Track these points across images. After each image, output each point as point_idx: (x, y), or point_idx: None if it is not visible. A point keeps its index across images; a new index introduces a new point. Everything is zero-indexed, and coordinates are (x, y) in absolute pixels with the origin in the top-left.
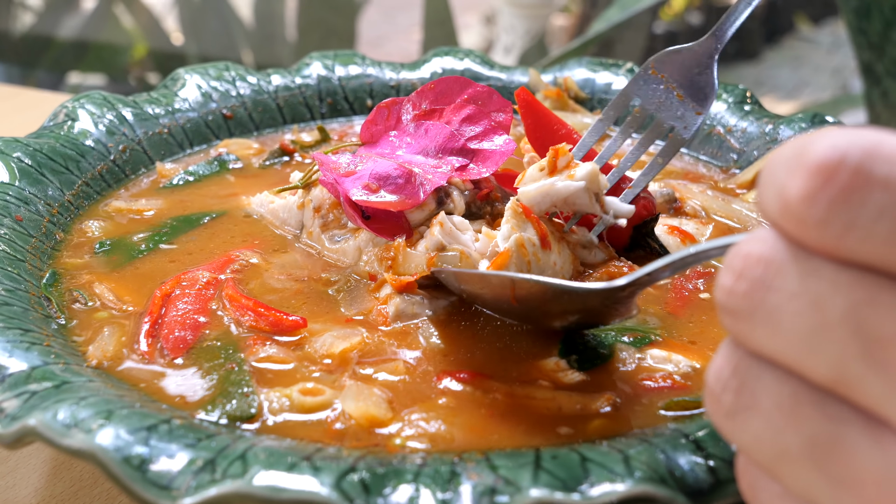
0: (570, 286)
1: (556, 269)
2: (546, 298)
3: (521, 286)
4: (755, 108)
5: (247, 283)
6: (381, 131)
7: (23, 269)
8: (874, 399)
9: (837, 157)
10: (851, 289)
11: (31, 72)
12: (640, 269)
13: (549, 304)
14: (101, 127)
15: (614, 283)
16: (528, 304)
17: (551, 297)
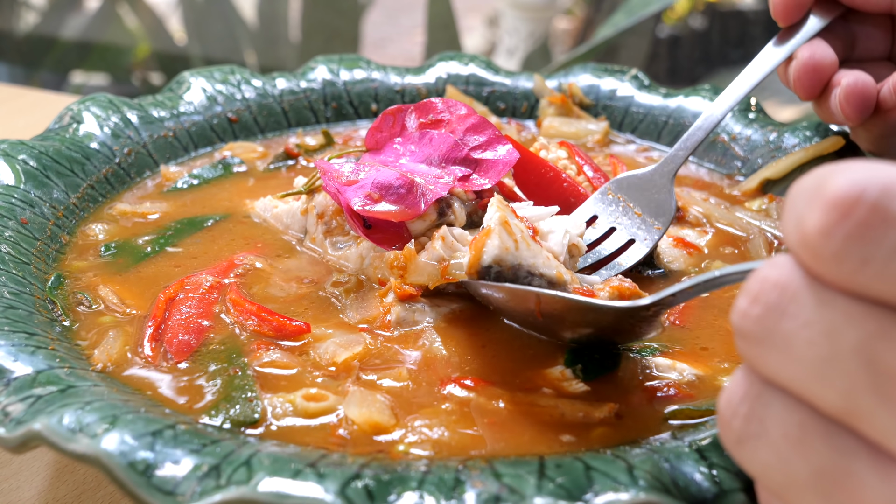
0: (595, 303)
1: (550, 260)
2: (570, 314)
3: (547, 301)
4: (760, 115)
5: (250, 288)
6: (386, 138)
7: (28, 271)
8: (882, 432)
9: (856, 193)
10: (864, 322)
11: (34, 72)
12: (665, 290)
13: (574, 319)
14: (106, 130)
15: (639, 301)
16: (553, 318)
17: (576, 312)
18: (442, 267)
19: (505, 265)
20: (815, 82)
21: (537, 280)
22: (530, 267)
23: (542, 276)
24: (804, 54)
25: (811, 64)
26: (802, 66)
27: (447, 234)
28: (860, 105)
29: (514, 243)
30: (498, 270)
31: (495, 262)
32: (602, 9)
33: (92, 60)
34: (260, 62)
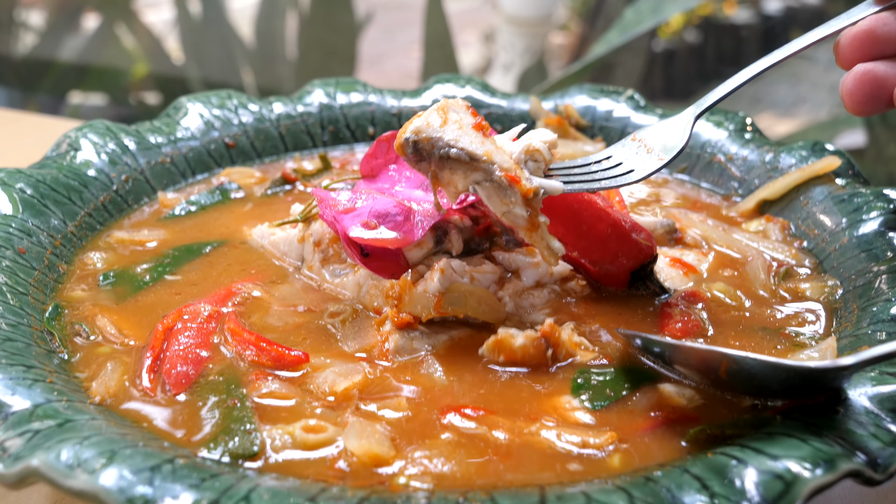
0: (791, 365)
1: (484, 144)
2: (760, 374)
3: (735, 361)
4: (755, 136)
5: (249, 317)
6: (381, 165)
7: (26, 302)
8: None
9: None
10: None
11: (32, 94)
12: (871, 350)
13: (763, 379)
14: (103, 157)
15: (840, 361)
16: (738, 377)
17: (769, 372)
18: (437, 299)
19: (423, 137)
20: (871, 98)
21: (455, 151)
22: (451, 141)
23: (463, 150)
24: (860, 68)
25: (868, 78)
26: (857, 80)
27: (447, 267)
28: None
29: (442, 121)
30: (415, 141)
31: (414, 132)
32: (597, 25)
33: (89, 80)
34: (257, 80)
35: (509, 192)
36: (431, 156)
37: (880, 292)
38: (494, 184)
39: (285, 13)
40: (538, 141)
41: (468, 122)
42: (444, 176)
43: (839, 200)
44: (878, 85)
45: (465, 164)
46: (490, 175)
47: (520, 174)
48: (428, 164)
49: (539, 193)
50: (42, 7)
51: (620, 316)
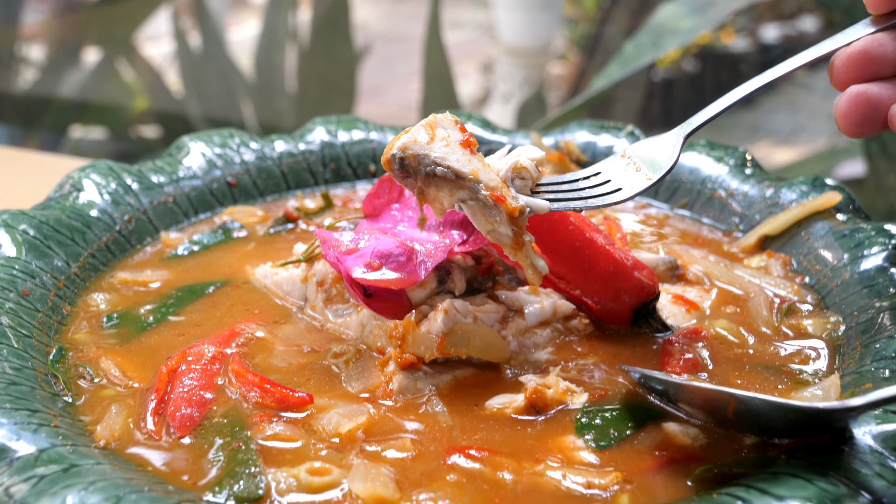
0: (799, 406)
1: (472, 162)
2: (767, 414)
3: (743, 402)
4: (756, 171)
5: (252, 357)
6: (384, 204)
7: (30, 345)
8: None
9: None
10: None
11: (33, 131)
12: (880, 391)
13: (770, 419)
14: (106, 197)
15: (849, 402)
16: (745, 417)
17: (777, 413)
18: (439, 340)
19: (409, 154)
20: (865, 120)
21: (441, 170)
22: (437, 159)
23: (449, 168)
24: (854, 90)
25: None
26: (851, 101)
27: (451, 308)
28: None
29: (429, 139)
30: (402, 157)
31: (400, 149)
32: (595, 57)
33: (90, 116)
34: (257, 113)
35: (494, 212)
36: (418, 172)
37: (883, 328)
38: (480, 203)
39: (284, 47)
40: (525, 158)
41: (455, 139)
42: (430, 192)
43: (840, 236)
44: (872, 107)
45: (451, 181)
46: (475, 194)
47: (505, 193)
48: (414, 181)
49: (525, 212)
50: (42, 41)
51: (623, 353)
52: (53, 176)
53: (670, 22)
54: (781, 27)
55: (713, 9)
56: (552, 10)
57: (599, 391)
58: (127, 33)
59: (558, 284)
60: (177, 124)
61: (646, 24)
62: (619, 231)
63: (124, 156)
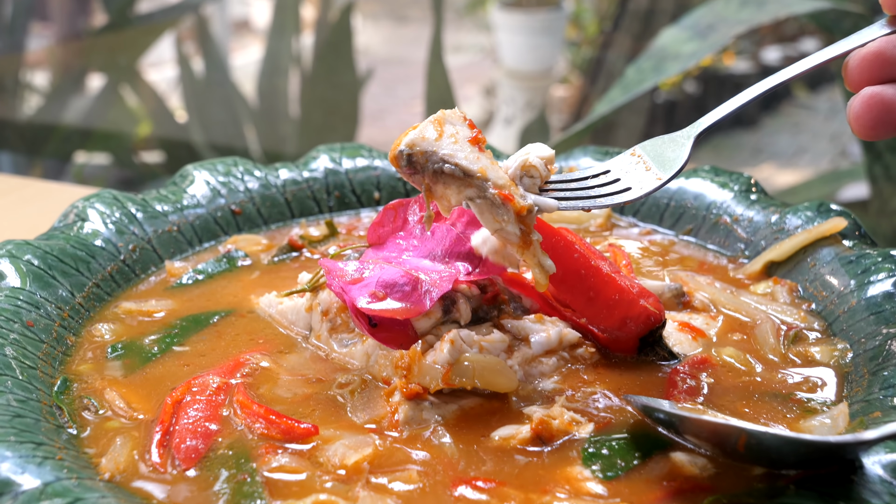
0: (811, 440)
1: (481, 160)
2: (778, 448)
3: (753, 436)
4: (761, 196)
5: (257, 388)
6: (388, 233)
7: (34, 376)
8: None
9: None
10: None
11: (36, 158)
12: (894, 424)
13: (781, 452)
14: (110, 226)
15: (862, 436)
16: (756, 450)
17: (788, 447)
18: (444, 371)
19: (417, 151)
20: (879, 122)
21: (449, 167)
22: (445, 156)
23: (457, 166)
24: (868, 91)
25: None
26: (864, 103)
27: (457, 339)
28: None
29: (438, 135)
30: (409, 154)
31: (408, 145)
32: (597, 81)
33: (94, 142)
34: (260, 138)
35: (502, 210)
36: (425, 169)
37: (891, 355)
38: (487, 201)
39: (287, 71)
40: (535, 157)
41: (464, 136)
42: (437, 190)
43: (847, 262)
44: (887, 109)
45: (458, 179)
46: (483, 192)
47: (514, 191)
48: (421, 178)
49: (533, 211)
50: (47, 68)
51: (629, 382)
52: (57, 204)
53: (672, 46)
54: (783, 49)
55: (715, 33)
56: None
57: (605, 420)
58: (131, 61)
59: (564, 313)
60: (180, 150)
61: (647, 48)
62: (625, 258)
63: (128, 182)
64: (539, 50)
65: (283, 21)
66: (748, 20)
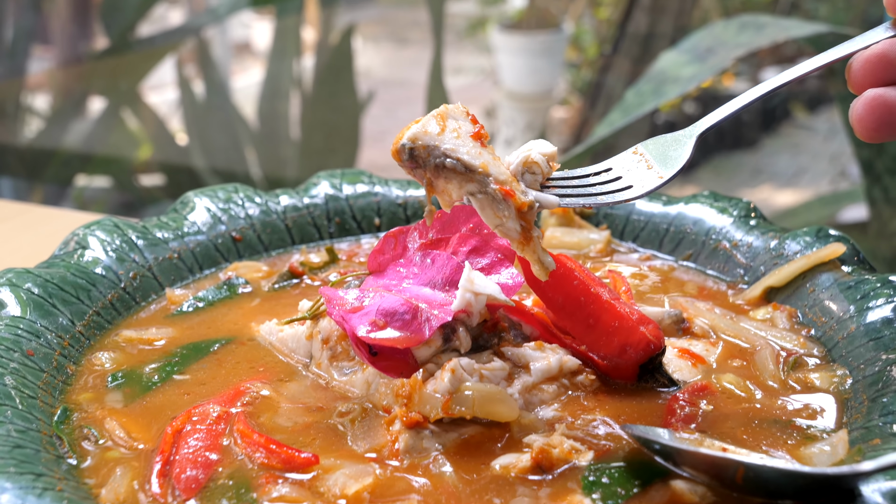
0: (810, 472)
1: (483, 155)
2: (776, 480)
3: (752, 469)
4: (760, 221)
5: (258, 417)
6: (388, 260)
7: (34, 406)
8: None
9: None
10: None
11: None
12: (892, 456)
13: (779, 484)
14: (111, 254)
15: (859, 467)
16: (754, 483)
17: (786, 480)
18: (444, 400)
19: (419, 145)
20: (882, 124)
21: (451, 161)
22: (447, 151)
23: (459, 161)
24: (871, 93)
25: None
26: (867, 105)
27: (457, 367)
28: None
29: (440, 130)
30: (411, 148)
31: (410, 139)
32: (597, 104)
33: (94, 166)
34: (260, 160)
35: (503, 206)
36: (427, 163)
37: (890, 382)
38: (489, 196)
39: (288, 94)
40: (537, 153)
41: (467, 131)
42: (438, 184)
43: (846, 287)
44: (890, 111)
45: (460, 174)
46: (485, 187)
47: (515, 187)
48: (423, 172)
49: (534, 207)
50: (47, 91)
51: (630, 409)
52: (57, 229)
53: (671, 70)
54: (782, 69)
55: (714, 57)
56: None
57: (606, 448)
58: (132, 84)
59: (564, 340)
60: (181, 173)
61: (647, 72)
62: (624, 284)
63: (128, 205)
64: (539, 72)
65: (284, 44)
66: (747, 44)
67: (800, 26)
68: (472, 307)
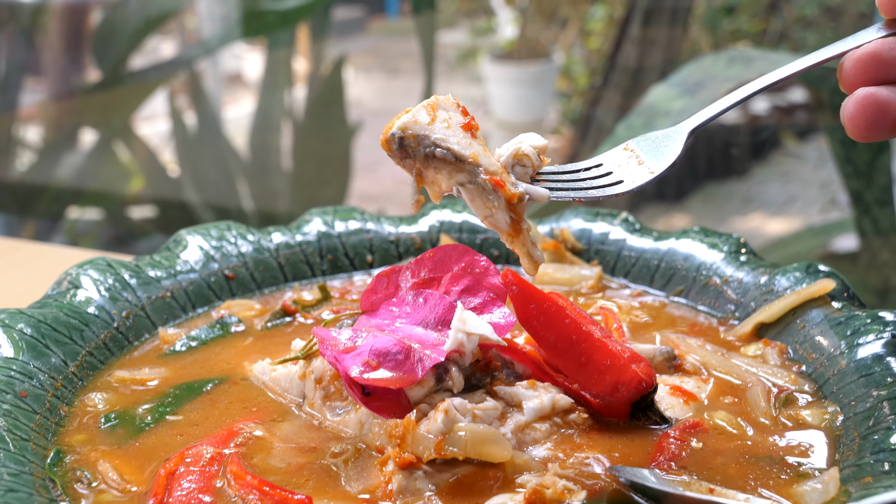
0: None
1: (473, 146)
2: None
3: None
4: (750, 257)
5: (251, 458)
6: (381, 300)
7: (27, 448)
8: None
9: None
10: None
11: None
12: (876, 497)
13: None
14: (104, 293)
15: None
16: None
17: None
18: (437, 441)
19: (409, 134)
20: (873, 123)
21: (441, 151)
22: (437, 140)
23: (449, 150)
24: (862, 92)
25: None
26: (858, 104)
27: (450, 408)
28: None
29: (430, 119)
30: (401, 137)
31: (400, 129)
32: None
33: (86, 199)
34: (252, 191)
35: (493, 197)
36: (417, 153)
37: (881, 419)
38: (478, 187)
39: (280, 126)
40: (527, 146)
41: (457, 121)
42: (428, 174)
43: (836, 323)
44: (881, 110)
45: (450, 164)
46: (475, 178)
47: (505, 178)
48: (413, 162)
49: (524, 199)
50: (39, 123)
51: (622, 447)
52: (50, 266)
53: (662, 103)
54: (771, 98)
55: (704, 90)
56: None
57: (597, 487)
58: (124, 118)
59: (556, 378)
60: (173, 205)
61: (637, 105)
62: (616, 321)
63: (120, 239)
64: (530, 101)
65: (276, 75)
66: (736, 77)
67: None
68: (465, 347)
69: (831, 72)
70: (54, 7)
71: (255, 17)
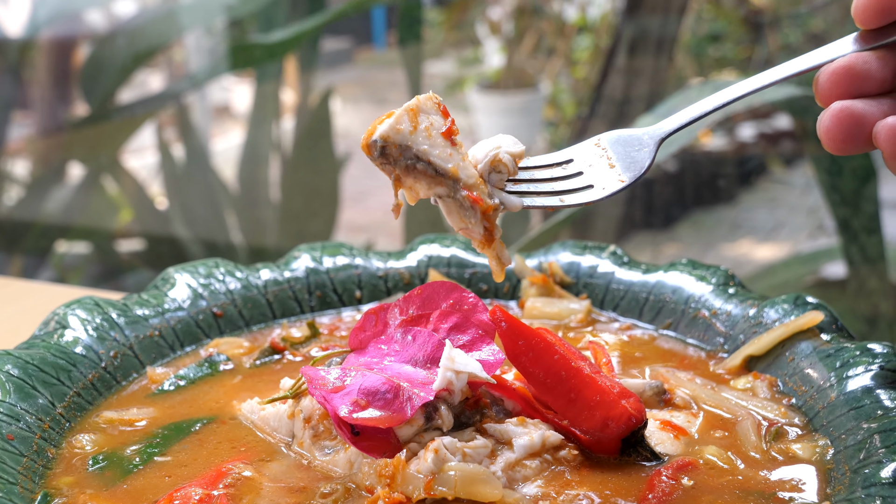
0: None
1: (453, 157)
2: None
3: None
4: (739, 289)
5: (240, 499)
6: (370, 337)
7: (14, 492)
8: None
9: None
10: None
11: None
12: None
13: None
14: (91, 332)
15: None
16: None
17: None
18: (427, 481)
19: (391, 143)
20: (849, 136)
21: (422, 164)
22: (420, 153)
23: (431, 164)
24: (837, 105)
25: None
26: (834, 117)
27: (440, 447)
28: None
29: (412, 128)
30: (383, 146)
31: (382, 137)
32: None
33: (74, 233)
34: (240, 223)
35: (470, 213)
36: (398, 163)
37: (872, 452)
38: (456, 202)
39: (268, 158)
40: (505, 153)
41: (438, 127)
42: (407, 181)
43: (825, 356)
44: (856, 123)
45: (430, 176)
46: (454, 193)
47: (482, 191)
48: (392, 168)
49: (498, 209)
50: (27, 157)
51: (613, 483)
52: (37, 304)
53: None
54: (757, 125)
55: None
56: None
57: None
58: (112, 152)
59: (546, 415)
60: (162, 241)
61: None
62: (605, 356)
63: (108, 274)
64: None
65: (264, 108)
66: None
67: (773, 90)
68: (454, 385)
69: (815, 101)
70: (42, 42)
71: (242, 51)
